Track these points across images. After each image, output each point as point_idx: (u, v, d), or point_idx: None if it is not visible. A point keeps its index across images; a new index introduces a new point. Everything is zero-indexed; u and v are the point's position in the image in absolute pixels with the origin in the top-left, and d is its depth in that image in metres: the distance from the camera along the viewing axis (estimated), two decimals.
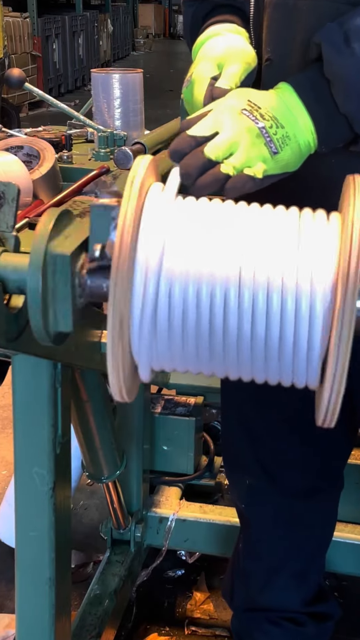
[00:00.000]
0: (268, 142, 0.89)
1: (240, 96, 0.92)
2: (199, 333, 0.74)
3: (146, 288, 0.73)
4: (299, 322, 0.72)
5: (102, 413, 1.51)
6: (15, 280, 0.80)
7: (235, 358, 0.75)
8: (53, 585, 1.25)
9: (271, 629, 1.39)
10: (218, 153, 0.86)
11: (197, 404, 2.12)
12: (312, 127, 0.94)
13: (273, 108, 0.92)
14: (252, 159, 0.87)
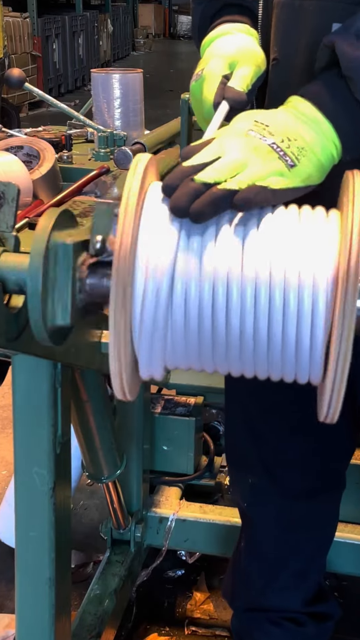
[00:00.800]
0: (282, 156, 0.83)
1: (245, 118, 0.88)
2: (201, 330, 0.74)
3: (147, 285, 0.73)
4: (301, 318, 0.72)
5: (102, 413, 1.51)
6: (15, 280, 0.80)
7: (237, 354, 0.75)
8: (53, 585, 1.25)
9: (271, 629, 1.39)
10: (218, 175, 0.77)
11: (197, 404, 2.12)
12: (333, 133, 0.89)
13: (282, 124, 0.87)
14: (264, 175, 0.80)
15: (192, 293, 0.73)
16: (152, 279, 0.73)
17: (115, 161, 1.48)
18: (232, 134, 0.84)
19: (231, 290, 0.73)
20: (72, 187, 1.35)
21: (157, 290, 0.73)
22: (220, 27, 1.08)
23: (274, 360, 0.75)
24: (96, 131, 1.64)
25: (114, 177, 1.40)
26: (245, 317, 0.73)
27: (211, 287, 0.73)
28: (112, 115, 1.69)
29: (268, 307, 0.72)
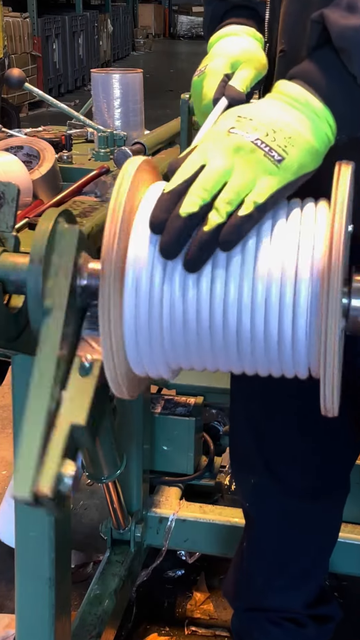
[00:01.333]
0: (268, 152, 0.79)
1: (229, 115, 0.86)
2: (190, 327, 0.74)
3: (136, 284, 0.73)
4: (283, 311, 0.73)
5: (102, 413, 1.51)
6: (15, 280, 0.80)
7: (235, 351, 0.76)
8: (53, 585, 1.25)
9: (272, 629, 1.39)
10: (202, 196, 0.74)
11: (197, 404, 2.12)
12: (326, 112, 0.84)
13: (267, 114, 0.83)
14: (251, 180, 0.76)
15: (179, 292, 0.73)
16: (140, 277, 0.73)
17: (115, 161, 1.48)
18: (214, 136, 0.82)
19: (229, 288, 0.73)
20: (72, 187, 1.35)
21: (146, 289, 0.73)
22: (228, 27, 1.10)
23: (259, 355, 0.75)
24: (96, 131, 1.64)
25: (114, 177, 1.40)
26: (242, 313, 0.73)
27: (201, 284, 0.73)
28: (112, 115, 1.69)
29: (250, 301, 0.73)
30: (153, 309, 0.74)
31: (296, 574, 1.36)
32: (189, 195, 0.75)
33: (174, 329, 0.75)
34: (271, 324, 0.73)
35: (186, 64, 16.02)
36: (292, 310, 0.72)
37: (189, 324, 0.74)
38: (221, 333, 0.74)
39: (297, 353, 0.74)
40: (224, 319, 0.74)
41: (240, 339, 0.74)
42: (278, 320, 0.73)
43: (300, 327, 0.73)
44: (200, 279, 0.73)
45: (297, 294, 0.72)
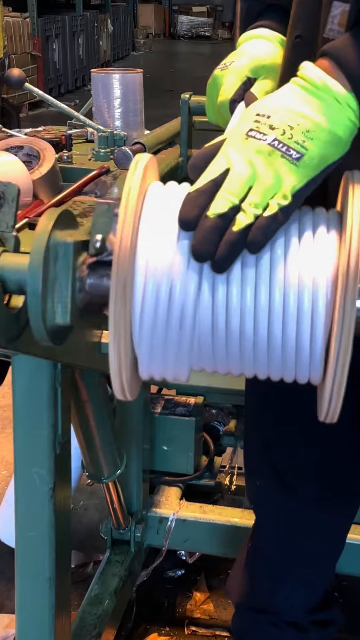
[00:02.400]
0: (285, 152, 0.78)
1: (247, 116, 0.84)
2: (201, 330, 0.74)
3: (146, 285, 0.73)
4: (301, 318, 0.72)
5: (102, 413, 1.51)
6: (15, 280, 0.80)
7: (237, 354, 0.75)
8: (53, 585, 1.25)
9: (273, 631, 1.38)
10: (231, 199, 0.75)
11: (197, 404, 2.12)
12: (349, 97, 0.81)
13: (284, 109, 0.82)
14: (275, 182, 0.77)
15: (192, 293, 0.73)
16: (151, 278, 0.73)
17: (115, 161, 1.48)
18: (234, 140, 0.81)
19: (231, 290, 0.73)
20: (72, 187, 1.35)
21: (157, 290, 0.73)
22: (261, 29, 1.10)
23: (274, 360, 0.75)
24: (96, 131, 1.64)
25: (114, 177, 1.40)
26: (245, 317, 0.73)
27: (211, 287, 0.73)
28: (112, 115, 1.69)
29: (268, 307, 0.73)
30: (174, 317, 0.74)
31: (299, 581, 1.35)
32: (216, 199, 0.75)
33: (186, 333, 0.74)
34: (286, 330, 0.73)
35: (186, 64, 16.03)
36: (310, 317, 0.72)
37: (201, 329, 0.74)
38: (237, 337, 0.74)
39: (303, 359, 0.74)
40: (235, 324, 0.73)
41: (249, 343, 0.74)
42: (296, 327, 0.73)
43: (314, 335, 0.72)
44: (221, 284, 0.73)
45: (314, 302, 0.72)
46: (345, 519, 1.35)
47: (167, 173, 1.61)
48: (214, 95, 1.05)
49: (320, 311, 0.72)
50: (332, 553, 1.37)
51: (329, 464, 1.25)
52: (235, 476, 2.22)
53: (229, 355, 0.76)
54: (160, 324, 0.74)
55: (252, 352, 0.75)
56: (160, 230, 0.75)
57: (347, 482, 1.28)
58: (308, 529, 1.31)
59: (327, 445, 1.21)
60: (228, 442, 2.23)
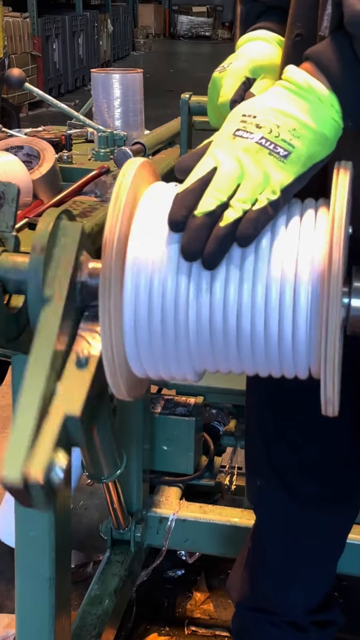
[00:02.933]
0: (273, 150, 0.79)
1: (233, 117, 0.85)
2: (199, 329, 0.74)
3: (135, 285, 0.73)
4: (297, 312, 0.73)
5: (102, 413, 1.51)
6: (15, 280, 0.80)
7: (235, 352, 0.76)
8: (53, 585, 1.25)
9: (273, 631, 1.38)
10: (219, 197, 0.76)
11: (197, 404, 2.12)
12: (332, 97, 0.83)
13: (270, 108, 0.82)
14: (263, 179, 0.78)
15: (182, 292, 0.73)
16: (140, 278, 0.73)
17: (115, 161, 1.48)
18: (221, 140, 0.82)
19: (228, 288, 0.73)
20: (72, 187, 1.35)
21: (146, 289, 0.73)
22: (260, 31, 1.11)
23: (270, 357, 0.75)
24: (96, 131, 1.64)
25: (114, 177, 1.40)
26: (242, 314, 0.73)
27: (199, 286, 0.73)
28: (112, 115, 1.69)
29: (264, 303, 0.73)
30: (164, 312, 0.74)
31: (300, 582, 1.35)
32: (204, 197, 0.76)
33: (174, 332, 0.74)
34: (271, 325, 0.73)
35: (186, 64, 16.03)
36: (292, 311, 0.73)
37: (192, 325, 0.74)
38: (234, 335, 0.74)
39: (297, 353, 0.74)
40: (232, 321, 0.74)
41: (240, 339, 0.74)
42: (278, 321, 0.73)
43: (300, 328, 0.73)
44: (206, 282, 0.74)
45: (296, 295, 0.72)
46: (345, 519, 1.35)
47: (167, 173, 1.61)
48: (214, 98, 1.05)
49: (302, 304, 0.73)
50: (333, 553, 1.37)
51: (329, 463, 1.25)
52: (235, 476, 2.22)
53: (226, 353, 0.76)
54: (145, 323, 0.74)
55: (249, 348, 0.75)
56: (150, 230, 0.75)
57: (347, 482, 1.28)
58: (308, 529, 1.31)
59: (327, 444, 1.21)
60: (228, 442, 2.23)
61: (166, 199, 0.78)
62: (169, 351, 0.76)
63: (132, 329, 0.74)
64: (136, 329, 0.74)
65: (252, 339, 0.74)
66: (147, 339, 0.75)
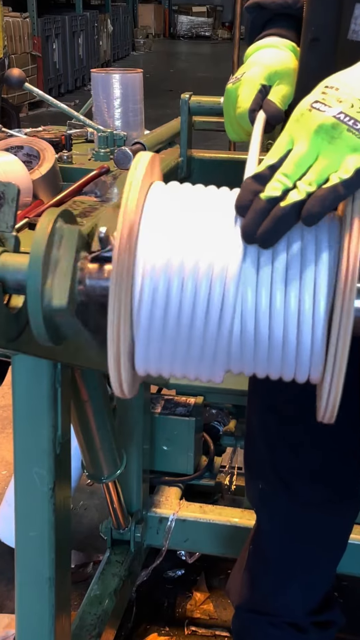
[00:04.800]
0: (352, 126, 0.74)
1: (316, 88, 0.80)
2: (199, 330, 0.74)
3: (145, 283, 0.73)
4: (302, 317, 0.72)
5: (102, 413, 1.51)
6: (15, 280, 0.80)
7: (238, 354, 0.75)
8: (53, 585, 1.25)
9: (273, 632, 1.38)
10: (285, 182, 0.73)
11: (197, 404, 2.12)
12: None
13: (355, 80, 0.77)
14: (336, 160, 0.73)
15: (189, 292, 0.73)
16: (150, 276, 0.73)
17: (115, 161, 1.48)
18: (298, 113, 0.78)
19: (228, 290, 0.73)
20: (72, 187, 1.34)
21: (155, 288, 0.73)
22: (268, 38, 1.10)
23: (274, 360, 0.75)
24: (96, 131, 1.64)
25: (114, 177, 1.40)
26: (247, 317, 0.73)
27: (208, 287, 0.73)
28: (112, 115, 1.69)
29: (269, 307, 0.73)
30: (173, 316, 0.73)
31: (300, 584, 1.35)
32: (272, 181, 0.74)
33: (183, 332, 0.74)
34: (279, 331, 0.73)
35: (186, 64, 16.03)
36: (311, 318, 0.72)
37: (198, 327, 0.74)
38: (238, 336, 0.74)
39: (302, 358, 0.74)
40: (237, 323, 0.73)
41: (250, 342, 0.74)
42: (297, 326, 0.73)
43: (306, 333, 0.73)
44: (215, 281, 0.73)
45: (316, 302, 0.72)
46: (347, 521, 1.34)
47: (167, 173, 1.61)
48: (230, 110, 1.04)
49: (321, 312, 0.72)
50: (334, 556, 1.37)
51: (331, 465, 1.25)
52: (235, 476, 2.22)
53: (229, 355, 0.76)
54: (158, 324, 0.74)
55: (252, 351, 0.75)
56: (161, 228, 0.75)
57: (349, 484, 1.28)
58: (310, 532, 1.31)
59: (330, 446, 1.21)
60: (228, 442, 2.23)
61: (177, 197, 0.77)
62: (175, 352, 0.76)
63: (142, 330, 0.74)
64: (149, 330, 0.74)
65: (269, 342, 0.74)
66: (155, 341, 0.75)
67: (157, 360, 0.76)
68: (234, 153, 2.13)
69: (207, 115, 1.79)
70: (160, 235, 0.74)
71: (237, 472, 2.23)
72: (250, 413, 1.34)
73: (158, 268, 0.73)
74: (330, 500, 1.27)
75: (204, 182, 0.81)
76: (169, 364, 0.77)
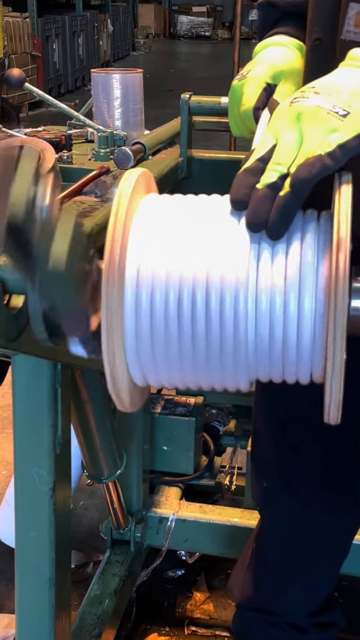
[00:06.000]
0: (331, 109, 0.77)
1: (296, 92, 0.83)
2: (207, 339, 0.74)
3: (137, 293, 0.73)
4: (302, 320, 0.72)
5: (102, 413, 1.51)
6: (15, 280, 0.80)
7: (232, 362, 0.75)
8: (53, 585, 1.25)
9: (273, 632, 1.38)
10: (279, 169, 0.75)
11: (197, 404, 2.12)
12: None
13: (328, 79, 0.81)
14: (321, 141, 0.76)
15: (185, 301, 0.73)
16: (141, 287, 0.73)
17: (115, 161, 1.48)
18: (277, 112, 0.81)
19: (224, 298, 0.73)
20: (72, 187, 1.34)
21: (147, 299, 0.73)
22: (276, 37, 1.10)
23: (274, 363, 0.75)
24: (96, 131, 1.64)
25: (114, 177, 1.40)
26: (247, 323, 0.73)
27: (204, 297, 0.73)
28: (112, 115, 1.69)
29: (269, 311, 0.73)
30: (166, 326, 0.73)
31: (302, 585, 1.34)
32: (266, 172, 0.75)
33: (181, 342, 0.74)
34: (276, 331, 0.73)
35: (186, 64, 16.03)
36: (297, 317, 0.72)
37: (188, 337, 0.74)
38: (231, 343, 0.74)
39: (300, 358, 0.74)
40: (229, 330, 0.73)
41: (259, 348, 0.74)
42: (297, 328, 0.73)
43: (304, 333, 0.73)
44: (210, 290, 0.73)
45: (300, 301, 0.72)
46: (350, 522, 1.34)
47: (167, 173, 1.61)
48: (234, 107, 1.04)
49: (307, 310, 0.72)
50: (336, 557, 1.37)
51: (331, 465, 1.25)
52: (235, 476, 2.22)
53: (223, 363, 0.76)
54: (149, 335, 0.74)
55: (253, 357, 0.75)
56: (152, 237, 0.75)
57: (349, 484, 1.28)
58: (313, 532, 1.30)
59: (331, 446, 1.21)
60: (228, 442, 2.23)
61: (163, 209, 0.77)
62: (169, 362, 0.76)
63: (130, 340, 0.74)
64: (138, 340, 0.74)
65: (269, 345, 0.74)
66: (148, 352, 0.74)
67: (156, 370, 0.76)
68: (234, 153, 2.13)
69: (207, 115, 1.79)
70: (152, 244, 0.74)
71: (237, 472, 2.23)
72: (256, 411, 1.34)
73: (149, 278, 0.73)
74: (333, 501, 1.27)
75: (204, 182, 0.81)
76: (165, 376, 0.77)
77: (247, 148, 0.90)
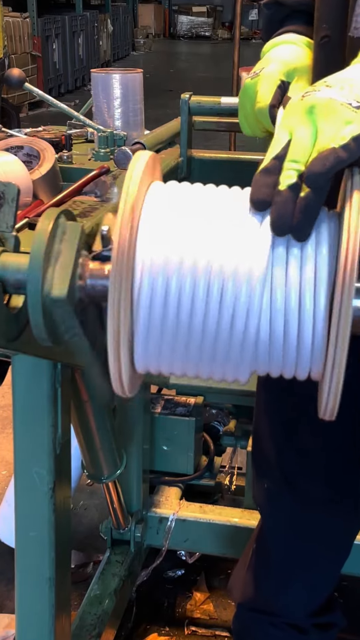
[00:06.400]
0: (344, 101, 0.76)
1: (307, 88, 0.83)
2: (197, 328, 0.74)
3: (143, 282, 0.73)
4: (302, 315, 0.72)
5: (102, 413, 1.51)
6: (15, 280, 0.80)
7: (238, 353, 0.75)
8: (53, 585, 1.25)
9: (273, 632, 1.38)
10: (297, 167, 0.74)
11: (197, 404, 2.12)
12: None
13: (341, 74, 0.80)
14: (335, 134, 0.75)
15: (187, 290, 0.73)
16: (150, 275, 0.73)
17: (115, 161, 1.48)
18: (290, 107, 0.80)
19: (226, 288, 0.73)
20: (72, 187, 1.34)
21: (155, 287, 0.73)
22: (286, 35, 1.09)
23: (275, 358, 0.75)
24: (96, 131, 1.64)
25: (114, 177, 1.40)
26: (250, 315, 0.73)
27: (206, 285, 0.73)
28: (112, 115, 1.69)
29: (269, 305, 0.73)
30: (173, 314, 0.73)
31: (303, 585, 1.34)
32: (284, 170, 0.74)
33: (182, 331, 0.74)
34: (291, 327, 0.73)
35: (186, 64, 16.03)
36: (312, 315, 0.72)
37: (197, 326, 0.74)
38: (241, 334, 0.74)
39: (303, 355, 0.74)
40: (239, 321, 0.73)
41: (259, 342, 0.74)
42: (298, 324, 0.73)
43: (307, 331, 0.73)
44: (214, 279, 0.73)
45: (317, 298, 0.72)
46: (351, 523, 1.34)
47: (167, 173, 1.61)
48: (247, 105, 1.03)
49: (321, 309, 0.72)
50: (337, 558, 1.36)
51: (333, 465, 1.25)
52: (235, 476, 2.22)
53: (229, 354, 0.76)
54: (158, 322, 0.73)
55: (254, 349, 0.75)
56: (161, 226, 0.74)
57: (354, 485, 1.28)
58: (314, 533, 1.30)
59: (333, 447, 1.21)
60: (228, 442, 2.23)
61: (177, 195, 0.77)
62: (175, 350, 0.76)
63: (141, 329, 0.74)
64: (148, 329, 0.74)
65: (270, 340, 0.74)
66: (155, 341, 0.74)
67: (159, 357, 0.76)
68: (234, 153, 2.13)
69: (207, 115, 1.79)
70: (162, 232, 0.74)
71: (237, 472, 2.23)
72: (258, 412, 1.34)
73: (158, 266, 0.73)
74: (335, 502, 1.27)
75: (203, 182, 0.81)
76: (168, 360, 0.77)
77: (247, 148, 0.90)
